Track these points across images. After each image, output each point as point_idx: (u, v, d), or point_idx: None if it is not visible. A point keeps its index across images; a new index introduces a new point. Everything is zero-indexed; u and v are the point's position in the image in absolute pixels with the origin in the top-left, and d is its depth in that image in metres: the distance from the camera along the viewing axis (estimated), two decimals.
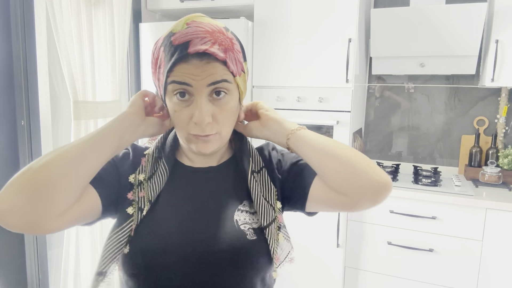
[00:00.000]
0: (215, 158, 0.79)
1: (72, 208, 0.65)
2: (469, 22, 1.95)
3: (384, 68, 2.29)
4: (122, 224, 0.70)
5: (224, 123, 0.70)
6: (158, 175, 0.74)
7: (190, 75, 0.65)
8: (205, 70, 0.65)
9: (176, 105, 0.68)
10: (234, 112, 0.72)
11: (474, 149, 2.22)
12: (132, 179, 0.74)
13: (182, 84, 0.65)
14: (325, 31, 1.97)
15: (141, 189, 0.73)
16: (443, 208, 1.89)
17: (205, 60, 0.64)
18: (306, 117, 2.06)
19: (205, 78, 0.65)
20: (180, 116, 0.68)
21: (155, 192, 0.73)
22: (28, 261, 1.42)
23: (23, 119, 1.36)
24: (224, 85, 0.67)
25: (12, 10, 1.31)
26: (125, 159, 0.77)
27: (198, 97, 0.66)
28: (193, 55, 0.64)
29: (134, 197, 0.72)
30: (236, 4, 2.15)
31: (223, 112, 0.69)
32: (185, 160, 0.79)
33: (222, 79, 0.66)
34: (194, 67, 0.64)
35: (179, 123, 0.69)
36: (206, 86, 0.66)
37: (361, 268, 2.10)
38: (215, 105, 0.68)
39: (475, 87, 2.27)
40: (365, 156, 0.71)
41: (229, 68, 0.67)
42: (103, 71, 1.87)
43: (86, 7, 1.75)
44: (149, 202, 0.72)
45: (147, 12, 2.37)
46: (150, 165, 0.75)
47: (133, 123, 0.71)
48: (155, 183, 0.73)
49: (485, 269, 1.85)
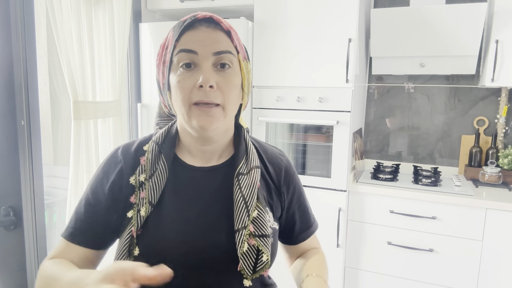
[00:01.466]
0: (216, 156, 0.78)
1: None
2: (469, 22, 1.95)
3: (384, 68, 2.28)
4: (125, 229, 0.70)
5: (228, 95, 0.69)
6: (158, 174, 0.73)
7: (197, 41, 0.67)
8: (211, 36, 0.68)
9: (180, 75, 0.68)
10: (237, 90, 0.72)
11: (474, 149, 2.22)
12: (133, 181, 0.73)
13: (189, 52, 0.67)
14: (325, 31, 1.97)
15: (142, 189, 0.72)
16: (443, 208, 1.89)
17: (211, 28, 0.68)
18: (306, 117, 2.06)
19: (211, 45, 0.67)
20: (183, 85, 0.67)
21: (156, 193, 0.71)
22: (28, 261, 1.42)
23: (23, 119, 1.36)
24: (228, 57, 0.69)
25: (12, 10, 1.31)
26: (111, 170, 0.75)
27: (204, 63, 0.67)
28: (201, 21, 0.68)
29: (136, 199, 0.71)
30: (236, 4, 2.15)
31: (228, 84, 0.69)
32: (186, 157, 0.77)
33: (227, 50, 0.68)
34: (201, 32, 0.68)
35: (182, 93, 0.67)
36: (211, 54, 0.67)
37: (361, 268, 2.10)
38: (219, 75, 0.68)
39: (475, 87, 2.27)
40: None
41: (233, 41, 0.70)
42: (103, 71, 1.87)
43: (86, 7, 1.75)
44: (150, 204, 0.70)
45: (147, 12, 2.37)
46: (150, 164, 0.74)
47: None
48: (155, 183, 0.72)
49: (485, 269, 1.85)
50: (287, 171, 0.83)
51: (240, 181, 0.73)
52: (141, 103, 2.28)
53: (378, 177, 2.15)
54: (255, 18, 2.10)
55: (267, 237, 0.72)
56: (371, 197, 2.03)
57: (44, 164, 1.46)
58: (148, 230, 0.69)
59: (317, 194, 2.07)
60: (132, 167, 0.74)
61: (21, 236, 1.42)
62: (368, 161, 2.55)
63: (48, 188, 1.71)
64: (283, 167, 0.83)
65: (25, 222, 1.36)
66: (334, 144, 2.02)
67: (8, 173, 1.34)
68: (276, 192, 0.81)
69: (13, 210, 1.32)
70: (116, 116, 1.95)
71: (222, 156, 0.79)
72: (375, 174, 2.18)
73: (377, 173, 2.17)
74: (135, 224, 0.69)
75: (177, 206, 0.72)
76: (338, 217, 2.02)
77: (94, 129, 1.83)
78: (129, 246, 0.68)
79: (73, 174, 1.73)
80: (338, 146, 2.01)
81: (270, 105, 2.13)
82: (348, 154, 2.01)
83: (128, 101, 2.28)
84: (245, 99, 0.76)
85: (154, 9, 2.35)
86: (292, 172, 0.85)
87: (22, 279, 1.43)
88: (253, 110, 2.18)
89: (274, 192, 0.81)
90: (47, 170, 1.64)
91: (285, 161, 0.85)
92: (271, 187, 0.80)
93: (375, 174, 2.18)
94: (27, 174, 1.38)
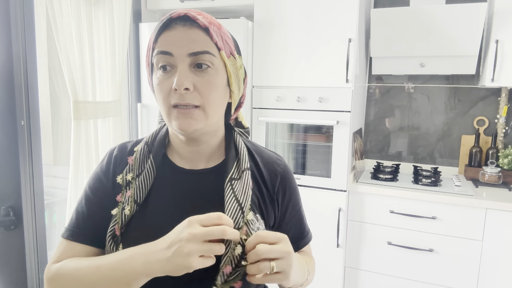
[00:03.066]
0: (205, 157, 0.76)
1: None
2: (469, 22, 1.95)
3: (384, 68, 2.28)
4: (109, 226, 0.70)
5: (207, 96, 0.66)
6: (146, 173, 0.72)
7: (172, 42, 0.65)
8: (187, 35, 0.65)
9: (159, 77, 0.67)
10: (220, 89, 0.69)
11: (474, 149, 2.22)
12: (120, 180, 0.73)
13: (164, 54, 0.65)
14: (325, 31, 1.97)
15: (128, 188, 0.72)
16: (443, 208, 1.89)
17: (188, 26, 0.66)
18: (306, 117, 2.06)
19: (186, 45, 0.65)
20: (161, 87, 0.67)
21: (142, 192, 0.71)
22: (28, 261, 1.42)
23: (23, 119, 1.36)
24: (207, 57, 0.66)
25: (12, 10, 1.31)
26: (108, 168, 0.75)
27: (180, 65, 0.65)
28: (176, 20, 0.66)
29: (122, 198, 0.71)
30: (236, 4, 2.15)
31: (206, 84, 0.66)
32: (176, 159, 0.76)
33: (204, 50, 0.66)
34: (177, 32, 0.65)
35: (161, 95, 0.67)
36: (187, 55, 0.65)
37: (361, 268, 2.10)
38: (197, 76, 0.66)
39: (475, 87, 2.27)
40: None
41: (212, 38, 0.67)
42: (103, 71, 1.87)
43: (86, 7, 1.75)
44: (135, 203, 0.70)
45: (147, 12, 2.37)
46: (138, 163, 0.73)
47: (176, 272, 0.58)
48: (142, 182, 0.71)
49: (485, 269, 1.85)
50: (284, 177, 0.79)
51: (234, 185, 0.71)
52: (141, 103, 2.28)
53: (378, 177, 2.15)
54: (255, 18, 2.10)
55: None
56: (371, 197, 2.03)
57: (44, 164, 1.46)
58: (131, 229, 0.69)
59: (317, 194, 2.07)
60: (123, 167, 0.75)
61: (21, 236, 1.42)
62: (368, 161, 2.55)
63: (48, 188, 1.71)
64: (279, 173, 0.79)
65: (25, 222, 1.36)
66: (334, 144, 2.02)
67: (8, 173, 1.34)
68: (269, 198, 0.77)
69: (13, 210, 1.32)
70: (116, 116, 1.95)
71: (213, 159, 0.77)
72: (375, 174, 2.18)
73: (377, 173, 2.17)
74: (118, 221, 0.69)
75: (163, 207, 0.71)
76: (338, 217, 2.02)
77: (94, 129, 1.83)
78: (112, 244, 0.68)
79: (73, 174, 1.73)
80: (338, 146, 2.01)
81: (270, 105, 2.13)
82: (348, 154, 2.01)
83: (128, 101, 2.28)
84: (234, 97, 0.73)
85: (154, 9, 2.35)
86: (289, 178, 0.81)
87: (22, 279, 1.43)
88: (253, 110, 2.18)
89: (267, 197, 0.77)
90: (47, 170, 1.64)
91: (282, 167, 0.81)
92: (264, 192, 0.77)
93: (375, 174, 2.18)
94: (27, 174, 1.38)
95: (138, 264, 0.60)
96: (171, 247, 0.58)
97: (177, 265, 0.57)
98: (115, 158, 0.76)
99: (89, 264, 0.65)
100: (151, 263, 0.58)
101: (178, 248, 0.57)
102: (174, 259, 0.57)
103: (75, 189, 1.74)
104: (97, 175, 0.76)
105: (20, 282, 1.43)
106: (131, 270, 0.60)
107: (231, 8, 2.22)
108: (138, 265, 0.59)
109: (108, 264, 0.63)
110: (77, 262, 0.66)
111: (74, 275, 0.64)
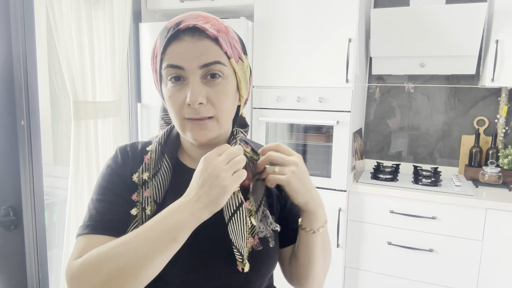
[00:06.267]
0: None
1: None
2: (469, 22, 1.95)
3: (384, 68, 2.28)
4: (128, 226, 0.69)
5: (220, 106, 0.67)
6: (162, 173, 0.72)
7: (182, 55, 0.64)
8: (196, 47, 0.64)
9: (170, 89, 0.67)
10: (231, 97, 0.69)
11: (474, 149, 2.22)
12: (136, 179, 0.72)
13: (175, 68, 0.65)
14: (325, 31, 1.97)
15: (145, 188, 0.71)
16: (443, 208, 1.89)
17: (196, 37, 0.64)
18: (306, 117, 2.06)
19: (197, 57, 0.64)
20: (174, 100, 0.66)
21: (160, 192, 0.71)
22: (28, 261, 1.42)
23: (23, 119, 1.36)
24: (217, 67, 0.65)
25: (12, 10, 1.31)
26: (123, 164, 0.74)
27: (191, 78, 0.65)
28: (184, 31, 0.64)
29: (139, 198, 0.71)
30: (236, 4, 2.15)
31: (219, 95, 0.66)
32: (187, 161, 0.77)
33: (215, 60, 0.65)
34: (186, 43, 0.64)
35: (174, 108, 0.67)
36: (198, 67, 0.64)
37: (361, 268, 2.10)
38: (209, 87, 0.66)
39: (475, 87, 2.27)
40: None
41: (221, 48, 0.66)
42: (103, 71, 1.87)
43: (86, 7, 1.75)
44: (155, 203, 0.70)
45: (147, 12, 2.37)
46: (153, 163, 0.73)
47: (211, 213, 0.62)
48: (160, 182, 0.71)
49: (485, 269, 1.85)
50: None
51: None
52: (141, 103, 2.28)
53: (378, 177, 2.15)
54: (255, 18, 2.10)
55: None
56: (371, 197, 2.03)
57: (44, 164, 1.46)
58: None
59: None
60: (137, 165, 0.74)
61: (21, 236, 1.42)
62: (368, 161, 2.55)
63: (48, 188, 1.71)
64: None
65: (25, 222, 1.36)
66: (334, 144, 2.02)
67: (8, 173, 1.34)
68: (275, 192, 0.80)
69: (13, 210, 1.32)
70: (116, 116, 1.95)
71: None
72: (375, 174, 2.18)
73: (377, 173, 2.17)
74: (140, 222, 0.68)
75: None
76: (338, 217, 2.02)
77: (94, 129, 1.83)
78: None
79: (73, 174, 1.73)
80: (338, 146, 2.01)
81: (270, 105, 2.13)
82: (348, 154, 2.01)
83: (128, 101, 2.28)
84: (242, 100, 0.75)
85: (154, 9, 2.35)
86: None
87: (22, 279, 1.43)
88: (253, 110, 2.18)
89: (272, 192, 0.80)
90: (47, 170, 1.64)
91: None
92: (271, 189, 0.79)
93: (375, 174, 2.18)
94: (27, 174, 1.38)
95: (183, 214, 0.60)
96: (204, 185, 0.61)
97: (218, 194, 0.60)
98: (131, 154, 0.75)
99: (124, 238, 0.61)
100: (194, 208, 0.60)
101: (211, 181, 0.60)
102: (212, 191, 0.60)
103: (75, 189, 1.74)
104: (112, 170, 0.73)
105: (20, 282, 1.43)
106: (177, 222, 0.59)
107: (231, 8, 2.22)
108: (183, 214, 0.60)
109: (147, 227, 0.60)
110: (108, 243, 0.61)
111: (109, 251, 0.59)
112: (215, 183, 0.60)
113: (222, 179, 0.60)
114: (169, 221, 0.60)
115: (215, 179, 0.60)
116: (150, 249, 0.58)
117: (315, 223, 0.72)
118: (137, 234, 0.60)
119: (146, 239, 0.59)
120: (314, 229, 0.73)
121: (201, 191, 0.61)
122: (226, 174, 0.60)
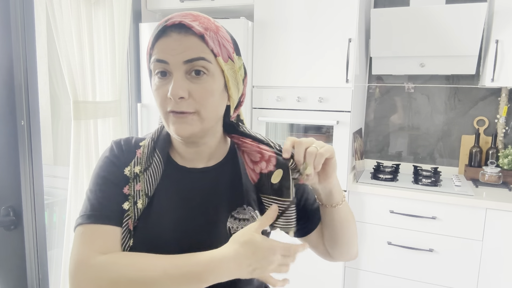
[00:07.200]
0: (206, 157, 0.78)
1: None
2: (469, 22, 1.95)
3: (384, 68, 2.28)
4: (121, 220, 0.70)
5: (203, 102, 0.67)
6: (153, 167, 0.73)
7: (168, 50, 0.66)
8: (181, 43, 0.66)
9: (156, 83, 0.69)
10: (216, 95, 0.69)
11: (474, 149, 2.22)
12: (128, 172, 0.73)
13: (161, 62, 0.66)
14: (325, 31, 1.97)
15: (136, 182, 0.72)
16: (443, 208, 1.89)
17: (183, 33, 0.66)
18: (306, 117, 2.06)
19: (181, 53, 0.65)
20: (158, 93, 0.68)
21: (151, 186, 0.72)
22: (28, 261, 1.42)
23: (23, 119, 1.36)
24: (201, 63, 0.66)
25: (12, 10, 1.31)
26: (119, 155, 0.75)
27: (175, 73, 0.66)
28: (172, 28, 0.66)
29: (130, 191, 0.71)
30: (236, 4, 2.15)
31: (202, 91, 0.67)
32: (177, 158, 0.78)
33: (199, 56, 0.66)
34: (172, 40, 0.66)
35: (158, 100, 0.69)
36: (182, 63, 0.66)
37: (361, 268, 2.10)
38: (193, 83, 0.67)
39: (475, 87, 2.27)
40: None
41: (208, 45, 0.67)
42: (103, 71, 1.87)
43: (86, 7, 1.75)
44: (146, 196, 0.71)
45: (147, 12, 2.37)
46: (145, 157, 0.74)
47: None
48: (151, 176, 0.73)
49: (485, 269, 1.85)
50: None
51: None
52: (141, 103, 2.28)
53: (378, 177, 2.15)
54: (255, 18, 2.10)
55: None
56: (371, 197, 2.03)
57: (44, 164, 1.46)
58: (143, 222, 0.70)
59: None
60: (130, 159, 0.75)
61: (21, 236, 1.42)
62: (368, 161, 2.55)
63: (48, 188, 1.71)
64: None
65: (25, 222, 1.36)
66: (334, 144, 2.02)
67: (8, 173, 1.34)
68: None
69: (13, 210, 1.32)
70: (116, 116, 1.95)
71: (214, 157, 0.79)
72: (375, 174, 2.18)
73: (377, 173, 2.17)
74: (132, 216, 0.69)
75: (169, 202, 0.73)
76: None
77: (94, 129, 1.83)
78: (126, 239, 0.69)
79: (73, 174, 1.73)
80: (338, 146, 2.01)
81: (270, 105, 2.13)
82: (348, 154, 2.01)
83: (128, 101, 2.28)
84: (232, 101, 0.74)
85: (154, 9, 2.35)
86: None
87: (22, 279, 1.43)
88: (253, 110, 2.18)
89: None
90: (47, 170, 1.64)
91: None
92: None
93: (375, 174, 2.18)
94: (27, 174, 1.38)
95: (221, 271, 0.63)
96: (254, 268, 0.64)
97: (256, 275, 0.65)
98: (124, 147, 0.76)
99: (155, 269, 0.63)
100: (232, 274, 0.63)
101: (262, 268, 0.64)
102: (255, 274, 0.65)
103: (75, 189, 1.74)
104: (110, 161, 0.74)
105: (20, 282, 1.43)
106: (213, 273, 0.63)
107: (231, 8, 2.22)
108: (221, 272, 0.63)
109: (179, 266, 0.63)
110: (138, 263, 0.64)
111: (137, 275, 0.62)
112: (263, 270, 0.65)
113: (269, 271, 0.65)
114: (212, 269, 0.63)
115: (265, 269, 0.65)
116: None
117: (334, 199, 0.77)
118: (165, 270, 0.63)
119: (173, 278, 0.62)
120: (334, 204, 0.77)
121: (248, 268, 0.64)
122: (274, 266, 0.65)
